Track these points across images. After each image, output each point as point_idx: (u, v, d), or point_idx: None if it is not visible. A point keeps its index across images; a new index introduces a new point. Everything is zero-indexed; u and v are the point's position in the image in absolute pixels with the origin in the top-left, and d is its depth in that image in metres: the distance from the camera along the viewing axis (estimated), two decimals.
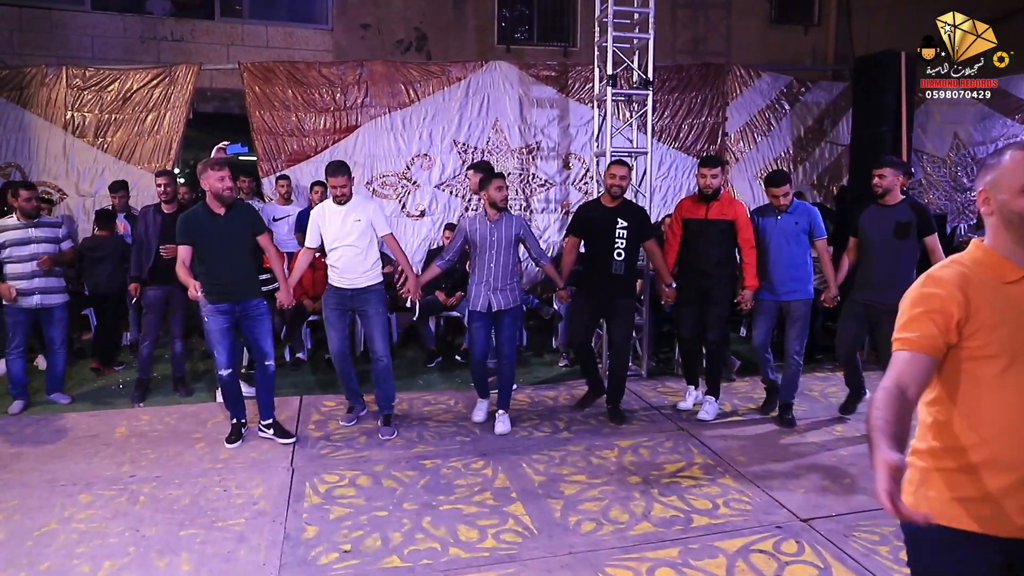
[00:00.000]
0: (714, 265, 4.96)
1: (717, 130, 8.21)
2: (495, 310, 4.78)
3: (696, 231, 5.03)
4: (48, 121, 7.39)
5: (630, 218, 4.91)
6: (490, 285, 4.76)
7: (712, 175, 4.95)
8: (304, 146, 7.64)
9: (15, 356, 5.29)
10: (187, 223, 4.43)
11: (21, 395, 5.34)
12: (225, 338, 4.51)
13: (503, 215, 4.77)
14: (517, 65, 7.98)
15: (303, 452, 4.48)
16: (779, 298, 4.91)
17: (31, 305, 5.23)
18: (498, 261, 4.74)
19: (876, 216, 4.67)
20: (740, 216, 4.98)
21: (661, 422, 5.03)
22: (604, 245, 4.90)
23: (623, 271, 4.90)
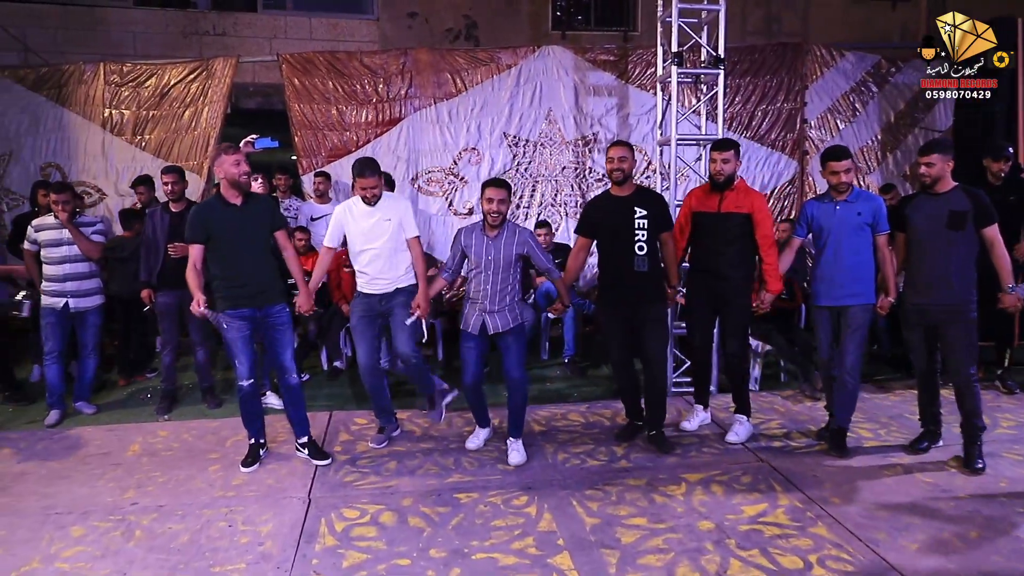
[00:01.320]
0: (729, 265, 4.30)
1: (795, 116, 7.39)
2: (491, 332, 4.18)
3: (707, 226, 4.36)
4: (86, 119, 7.14)
5: (649, 205, 4.22)
6: (484, 307, 4.16)
7: (724, 159, 4.27)
8: (345, 140, 7.20)
9: (51, 361, 5.01)
10: (199, 215, 3.97)
11: (57, 404, 5.04)
12: (247, 346, 4.05)
13: (503, 230, 4.14)
14: (572, 50, 7.35)
15: (324, 479, 3.97)
16: (836, 303, 4.19)
17: (59, 307, 4.94)
18: (493, 282, 4.13)
19: (926, 206, 4.01)
20: (758, 208, 4.28)
21: (736, 451, 4.32)
22: (622, 240, 4.20)
23: (647, 267, 4.19)
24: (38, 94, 7.13)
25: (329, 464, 4.15)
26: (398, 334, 4.22)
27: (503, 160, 7.31)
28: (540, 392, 5.58)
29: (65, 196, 4.92)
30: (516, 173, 7.32)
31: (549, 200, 7.34)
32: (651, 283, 4.25)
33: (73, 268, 4.96)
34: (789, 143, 7.42)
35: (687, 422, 4.72)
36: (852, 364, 4.20)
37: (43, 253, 4.97)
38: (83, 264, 5.01)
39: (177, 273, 4.60)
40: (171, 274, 4.90)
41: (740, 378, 4.54)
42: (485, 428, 4.49)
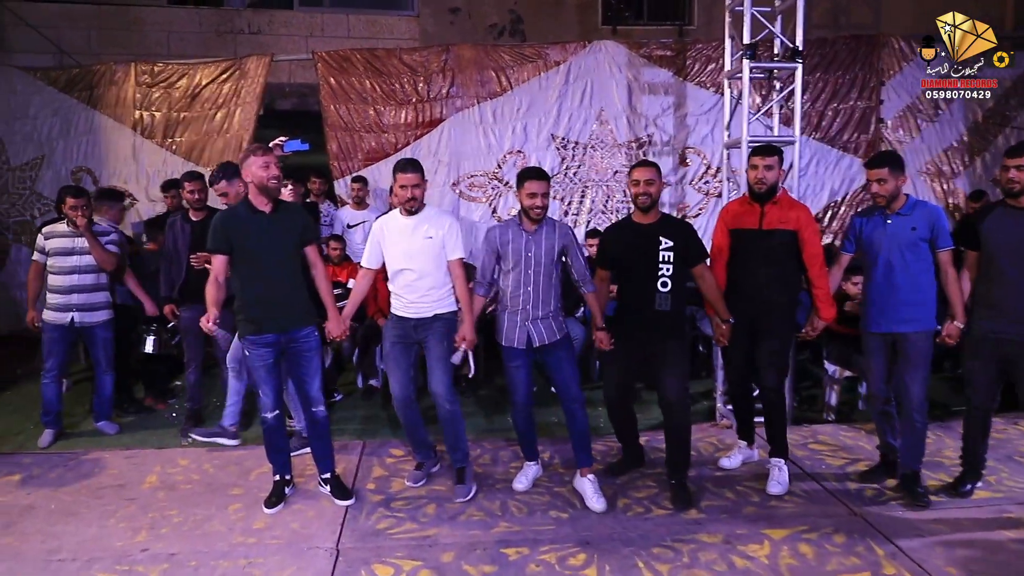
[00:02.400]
0: (769, 289, 3.79)
1: (870, 116, 6.77)
2: (537, 345, 3.69)
3: (747, 246, 3.82)
4: (117, 122, 6.90)
5: (675, 235, 3.67)
6: (527, 314, 3.67)
7: (767, 166, 3.74)
8: (383, 143, 6.80)
9: (49, 380, 4.69)
10: (222, 223, 3.56)
11: (52, 423, 4.76)
12: (271, 375, 3.64)
13: (543, 224, 3.67)
14: (625, 45, 6.84)
15: (354, 525, 3.53)
16: (890, 329, 3.69)
17: (65, 323, 4.60)
18: (535, 283, 3.64)
19: (1008, 222, 3.52)
20: (806, 224, 3.76)
21: (825, 501, 3.76)
22: (643, 274, 3.68)
23: (669, 306, 3.65)
24: (69, 96, 6.91)
25: (352, 503, 3.73)
26: (434, 371, 3.76)
27: (550, 163, 6.83)
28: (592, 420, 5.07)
29: (83, 200, 4.57)
30: (564, 177, 6.85)
31: (600, 206, 6.84)
32: (672, 321, 3.71)
33: (81, 279, 4.61)
34: (863, 145, 6.80)
35: (727, 459, 4.21)
36: (918, 400, 3.68)
37: (51, 262, 4.62)
38: (91, 276, 4.65)
39: (201, 286, 4.21)
40: (194, 287, 4.52)
41: (778, 417, 3.98)
42: (534, 463, 4.02)
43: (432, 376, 3.77)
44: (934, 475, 4.01)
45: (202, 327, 3.53)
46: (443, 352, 3.75)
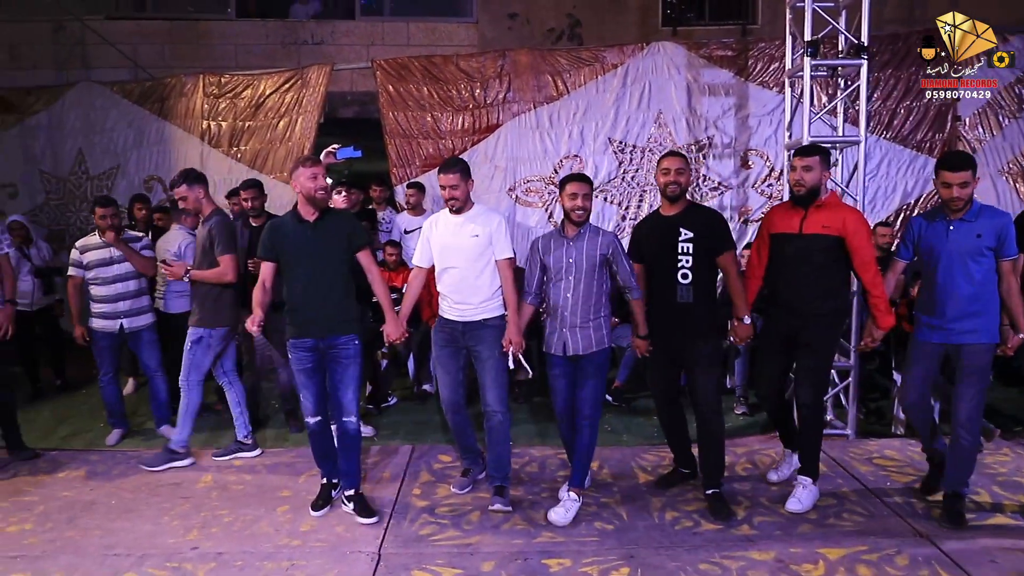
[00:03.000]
0: (810, 298, 3.57)
1: (946, 113, 6.42)
2: (571, 354, 3.59)
3: (786, 250, 3.62)
4: (186, 131, 7.16)
5: (696, 226, 3.55)
6: (566, 321, 3.58)
7: (805, 167, 3.54)
8: (440, 149, 6.84)
9: (107, 383, 4.85)
10: (271, 231, 3.67)
11: (118, 423, 4.96)
12: (311, 379, 3.68)
13: (585, 230, 3.59)
14: (684, 46, 6.69)
15: (398, 531, 3.52)
16: (948, 340, 3.46)
17: (115, 330, 4.75)
18: (576, 290, 3.55)
19: None
20: (854, 231, 3.52)
21: (885, 517, 3.55)
22: (664, 267, 3.59)
23: (692, 297, 3.54)
24: (143, 108, 7.23)
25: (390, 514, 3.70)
26: (485, 380, 3.72)
27: (608, 167, 6.75)
28: (647, 429, 4.97)
29: (111, 210, 4.69)
30: (622, 182, 6.75)
31: None
32: (698, 316, 3.58)
33: (125, 287, 4.72)
34: (938, 144, 6.45)
35: (774, 472, 4.03)
36: (969, 416, 3.44)
37: (92, 275, 4.71)
38: (133, 282, 4.77)
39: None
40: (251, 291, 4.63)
41: (814, 435, 3.76)
42: None
43: (483, 386, 3.73)
44: (1012, 497, 3.75)
45: (247, 328, 3.60)
46: (495, 362, 3.70)
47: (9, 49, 8.43)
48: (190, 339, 4.33)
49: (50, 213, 7.35)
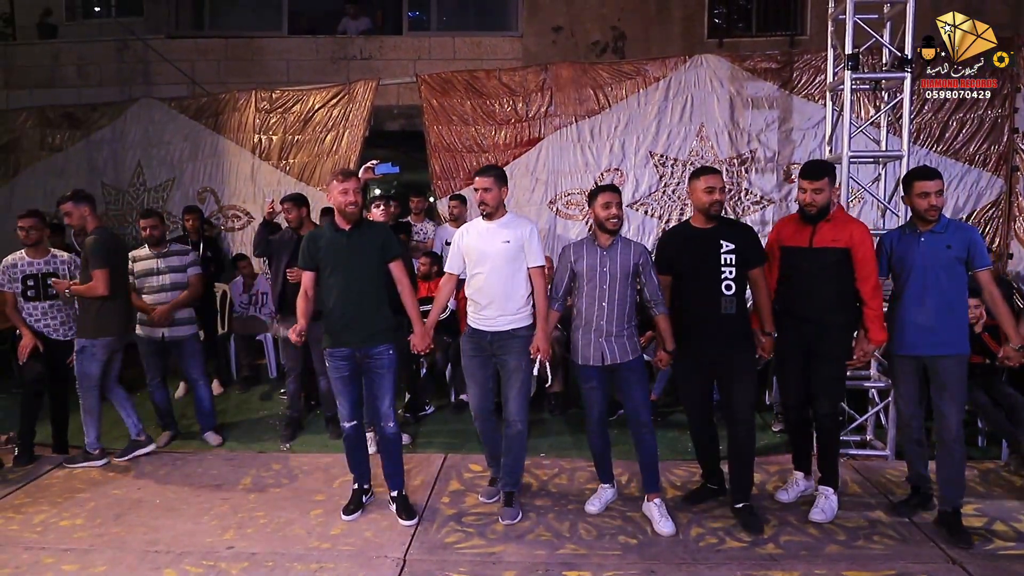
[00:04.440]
0: (822, 309, 3.64)
1: (1002, 125, 6.21)
2: (608, 363, 3.61)
3: (798, 264, 3.65)
4: (239, 145, 7.42)
5: (736, 238, 3.57)
6: (601, 330, 3.61)
7: (815, 189, 3.59)
8: (482, 163, 6.89)
9: (154, 388, 5.07)
10: (309, 241, 3.82)
11: (168, 426, 5.16)
12: (347, 387, 3.79)
13: (618, 240, 3.63)
14: (728, 58, 6.64)
15: (424, 537, 3.60)
16: (921, 352, 3.55)
17: (157, 338, 4.94)
18: (611, 298, 3.58)
19: None
20: (859, 242, 3.60)
21: (920, 544, 3.46)
22: (706, 278, 3.58)
23: (735, 309, 3.56)
24: (198, 123, 7.51)
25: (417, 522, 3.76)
26: (509, 389, 3.77)
27: (648, 181, 6.74)
28: (680, 443, 4.95)
29: (152, 221, 4.88)
30: (663, 195, 6.73)
31: None
32: (739, 327, 3.61)
33: (170, 297, 4.89)
34: (993, 157, 6.25)
35: (783, 492, 3.96)
36: (956, 429, 3.49)
37: (138, 284, 4.90)
38: (177, 292, 4.92)
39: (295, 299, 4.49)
40: (292, 300, 4.79)
41: (832, 444, 3.78)
42: (609, 487, 3.95)
43: (507, 396, 3.79)
44: None
45: (289, 337, 3.73)
46: (521, 373, 3.75)
47: (77, 68, 8.90)
48: (75, 350, 4.55)
49: (109, 223, 7.65)
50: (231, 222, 7.42)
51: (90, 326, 4.54)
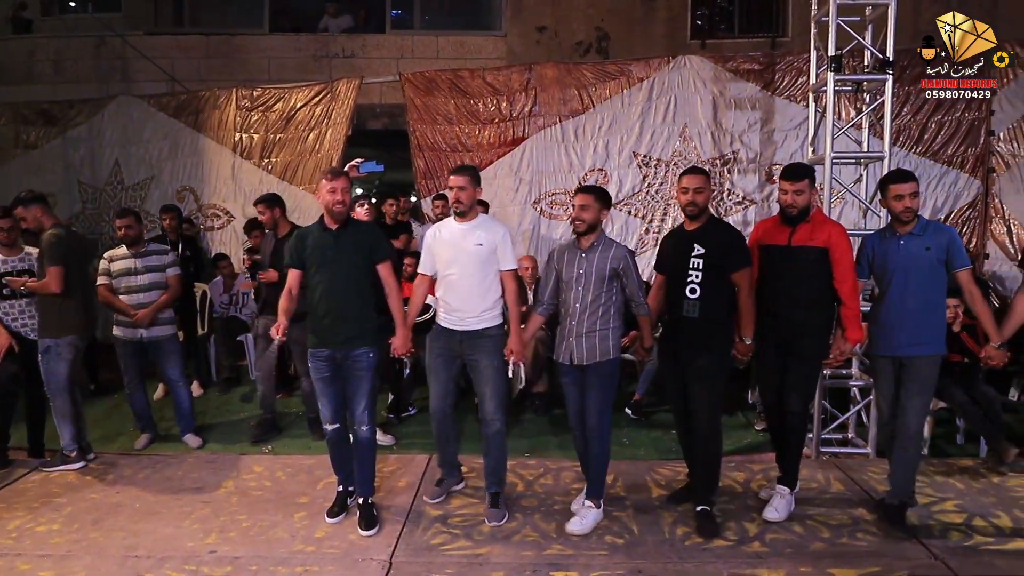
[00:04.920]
0: (801, 309, 3.66)
1: (979, 128, 6.32)
2: (575, 363, 3.62)
3: (776, 263, 3.69)
4: (219, 144, 7.36)
5: (710, 243, 3.58)
6: (572, 330, 3.62)
7: (796, 190, 3.63)
8: (467, 162, 6.89)
9: (133, 390, 4.98)
10: (297, 239, 3.78)
11: (146, 428, 5.08)
12: (328, 388, 3.75)
13: (599, 242, 3.62)
14: (711, 59, 6.68)
15: (410, 539, 3.57)
16: (898, 352, 3.61)
17: (135, 339, 4.85)
18: (582, 299, 3.59)
19: None
20: (836, 242, 3.63)
21: (901, 539, 3.49)
22: (677, 280, 3.65)
23: (698, 313, 3.56)
24: (178, 120, 7.44)
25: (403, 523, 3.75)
26: (483, 390, 3.76)
27: (632, 181, 6.77)
28: (665, 443, 4.96)
29: (128, 220, 4.79)
30: (646, 195, 6.76)
31: None
32: (702, 331, 3.61)
33: (147, 297, 4.80)
34: (970, 159, 6.36)
35: (767, 491, 3.99)
36: (915, 427, 3.57)
37: (115, 283, 4.78)
38: (155, 293, 4.84)
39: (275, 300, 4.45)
40: (271, 300, 4.75)
41: (797, 443, 3.83)
42: None
43: (482, 395, 3.78)
44: None
45: (270, 335, 3.69)
46: (493, 371, 3.74)
47: (54, 64, 8.76)
48: (40, 350, 4.46)
49: (86, 222, 7.59)
50: (211, 221, 7.35)
51: (52, 325, 4.45)
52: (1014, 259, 6.25)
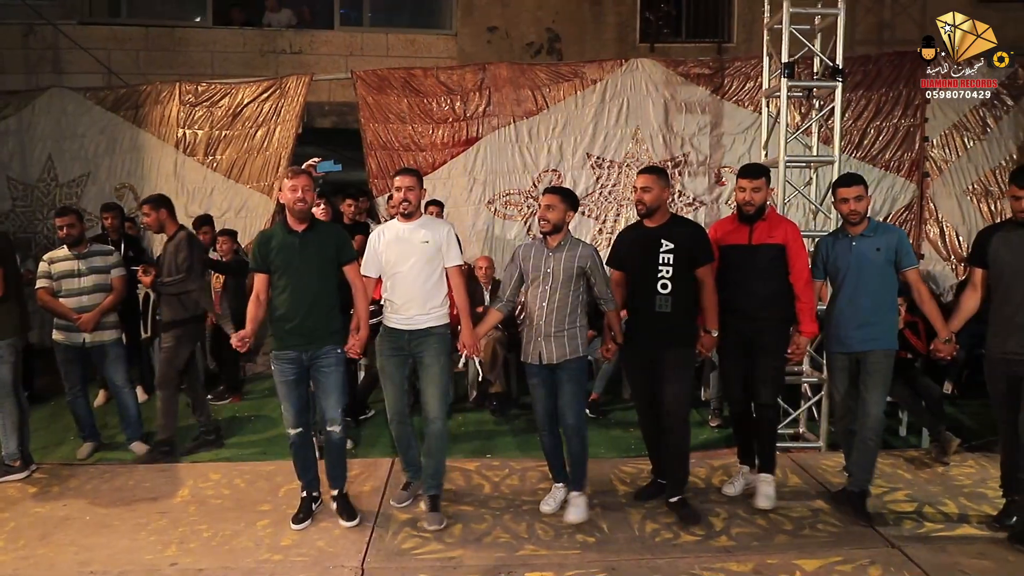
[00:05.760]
0: (762, 305, 3.79)
1: (914, 134, 6.62)
2: (545, 362, 3.66)
3: (737, 262, 3.81)
4: (161, 139, 7.10)
5: (679, 238, 3.68)
6: (540, 330, 3.65)
7: (754, 188, 3.78)
8: (419, 162, 6.85)
9: (74, 397, 4.76)
10: (260, 242, 3.68)
11: (90, 436, 4.87)
12: (292, 391, 3.66)
13: (566, 241, 3.67)
14: (662, 63, 6.80)
15: (380, 544, 3.52)
16: (853, 348, 3.75)
17: (78, 343, 4.64)
18: (551, 299, 3.62)
19: (1017, 240, 3.50)
20: (792, 240, 3.80)
21: (861, 531, 3.62)
22: (645, 276, 3.70)
23: (670, 308, 3.65)
24: (116, 115, 7.15)
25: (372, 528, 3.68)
26: (427, 388, 3.72)
27: (585, 182, 6.84)
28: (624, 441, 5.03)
29: (69, 219, 4.57)
30: (599, 196, 6.83)
31: None
32: (674, 326, 3.69)
33: (91, 300, 4.60)
34: (906, 164, 6.66)
35: (729, 486, 4.11)
36: (875, 419, 3.73)
37: (56, 286, 4.56)
38: (99, 295, 4.64)
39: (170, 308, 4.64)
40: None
41: (771, 433, 4.03)
42: (562, 486, 3.94)
43: (426, 394, 3.74)
44: (977, 508, 3.86)
45: (234, 345, 3.57)
46: (439, 370, 3.71)
47: None
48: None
49: (16, 220, 7.21)
50: None
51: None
52: (947, 259, 6.59)
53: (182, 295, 4.65)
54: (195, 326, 4.87)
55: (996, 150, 6.62)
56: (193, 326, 4.81)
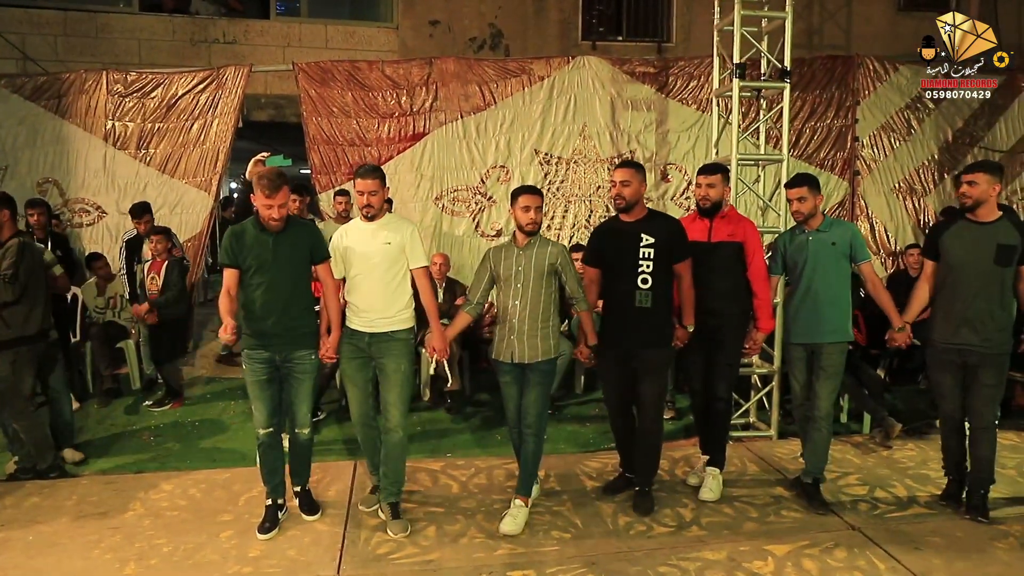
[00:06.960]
0: (722, 300, 3.91)
1: (846, 134, 6.93)
2: (517, 361, 3.66)
3: (698, 258, 3.88)
4: (87, 132, 6.69)
5: (658, 232, 3.71)
6: (513, 328, 3.64)
7: (709, 184, 3.92)
8: (365, 157, 6.71)
9: None
10: (231, 238, 3.50)
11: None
12: (264, 391, 3.53)
13: (535, 241, 3.67)
14: (610, 61, 6.88)
15: (353, 550, 3.43)
16: (810, 340, 3.91)
17: None
18: (523, 297, 3.62)
19: (968, 236, 3.68)
20: (750, 237, 3.95)
21: (821, 514, 3.78)
22: (624, 271, 3.74)
23: (650, 303, 3.69)
24: (36, 104, 6.69)
25: (344, 533, 3.61)
26: (388, 394, 3.62)
27: (534, 178, 6.84)
28: (582, 436, 5.07)
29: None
30: (548, 192, 6.84)
31: (583, 222, 6.85)
32: (654, 321, 3.74)
33: None
34: (839, 163, 6.96)
35: (694, 476, 4.22)
36: (827, 409, 3.91)
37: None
38: None
39: None
40: None
41: (724, 427, 4.17)
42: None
43: (386, 401, 3.64)
44: (923, 488, 4.08)
45: (220, 338, 3.41)
46: (400, 376, 3.62)
47: None
48: None
49: None
50: (79, 217, 6.69)
51: None
52: (876, 253, 6.92)
53: None
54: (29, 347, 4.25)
55: (920, 150, 7.00)
56: (26, 348, 4.23)
